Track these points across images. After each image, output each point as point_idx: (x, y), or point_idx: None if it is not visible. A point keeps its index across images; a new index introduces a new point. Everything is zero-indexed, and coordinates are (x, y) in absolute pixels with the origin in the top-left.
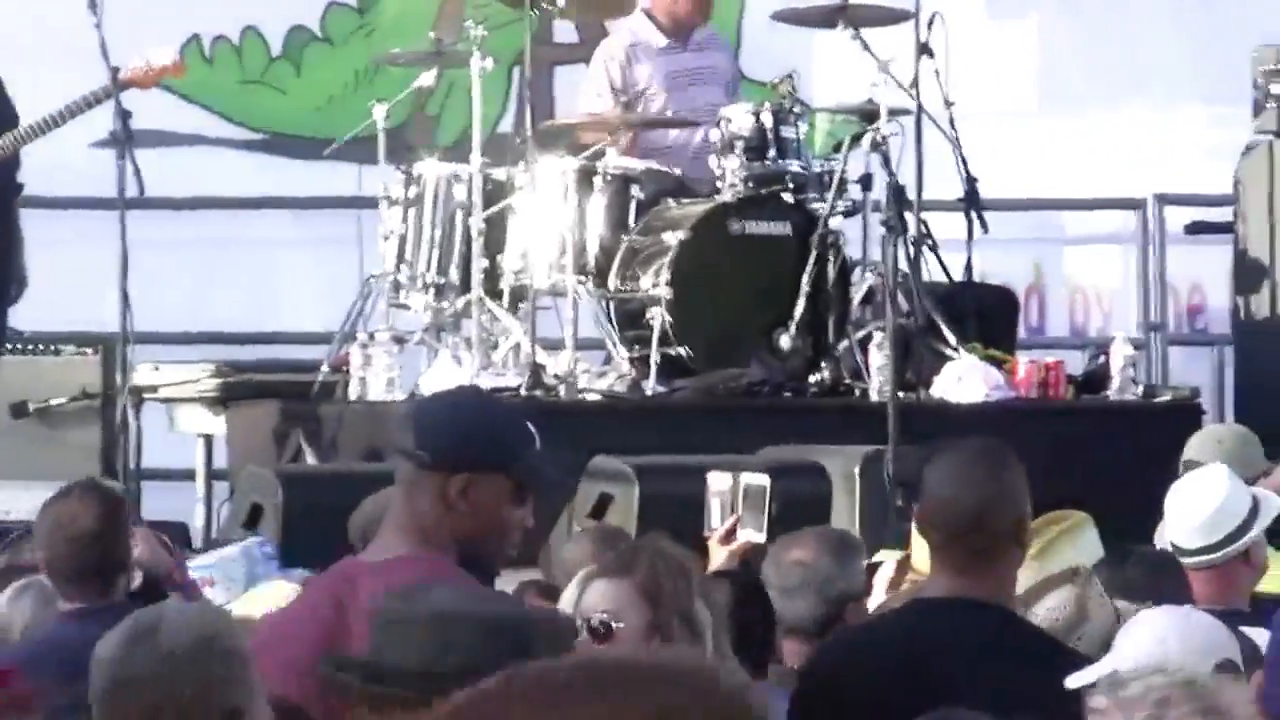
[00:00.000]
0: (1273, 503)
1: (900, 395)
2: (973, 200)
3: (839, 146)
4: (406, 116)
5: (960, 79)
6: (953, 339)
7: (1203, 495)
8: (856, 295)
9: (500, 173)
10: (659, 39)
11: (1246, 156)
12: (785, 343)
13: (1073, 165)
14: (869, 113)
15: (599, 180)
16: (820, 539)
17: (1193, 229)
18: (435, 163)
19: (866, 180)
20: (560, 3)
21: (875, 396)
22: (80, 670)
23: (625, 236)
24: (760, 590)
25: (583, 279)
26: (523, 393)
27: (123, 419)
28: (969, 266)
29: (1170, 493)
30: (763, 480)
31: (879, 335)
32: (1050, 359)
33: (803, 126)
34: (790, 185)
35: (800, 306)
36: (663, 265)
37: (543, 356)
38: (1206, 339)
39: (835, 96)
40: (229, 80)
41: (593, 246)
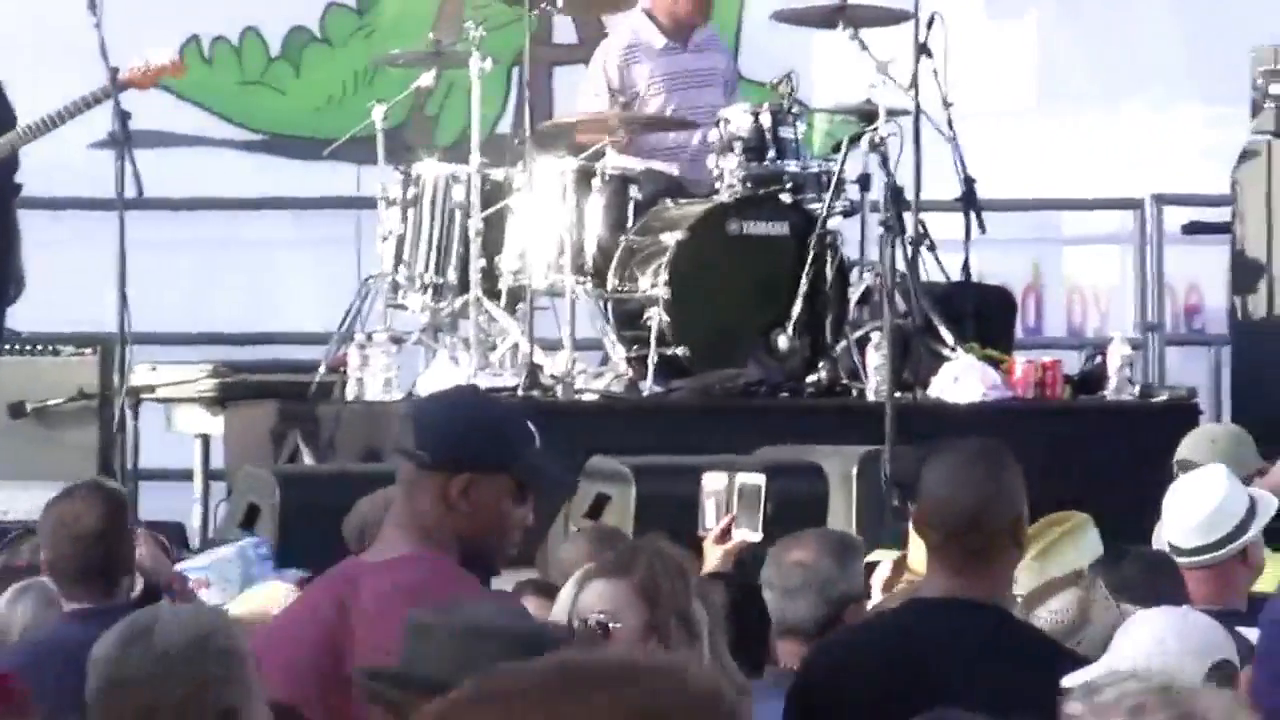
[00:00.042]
0: (1270, 503)
1: (897, 395)
2: (971, 200)
3: (837, 147)
4: (405, 117)
5: (959, 79)
6: (950, 339)
7: (1201, 495)
8: (854, 295)
9: (499, 173)
10: (659, 39)
11: (1244, 157)
12: (783, 343)
13: (1071, 165)
14: (867, 113)
15: (597, 181)
16: (821, 540)
17: (1190, 229)
18: (434, 163)
19: (865, 180)
20: (559, 1)
21: (872, 396)
22: (84, 670)
23: (623, 237)
24: (756, 591)
25: (581, 279)
26: (520, 393)
27: (120, 419)
28: (967, 266)
29: (1169, 493)
30: (758, 480)
31: (876, 335)
32: (1047, 359)
33: (801, 127)
34: (788, 185)
35: (798, 307)
36: (661, 265)
37: (540, 357)
38: (1204, 339)
39: (834, 97)
40: (228, 81)
41: (591, 247)
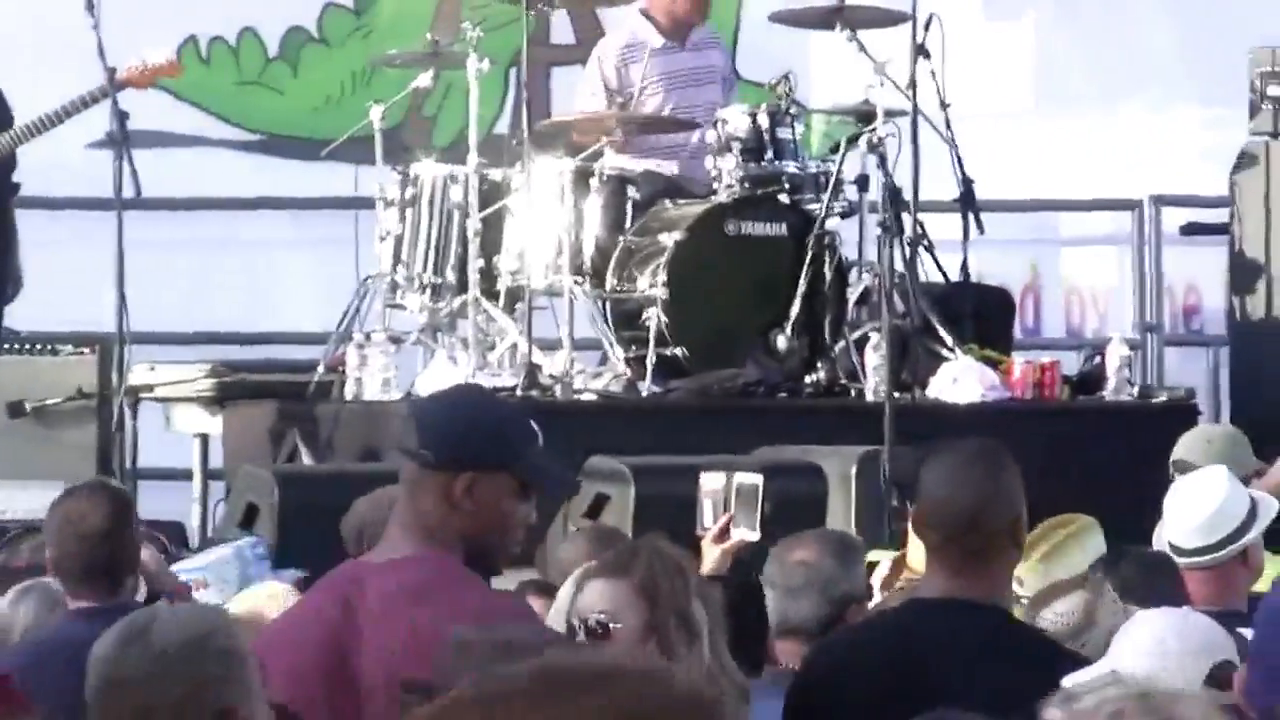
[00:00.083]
0: (1271, 505)
1: (896, 396)
2: (969, 201)
3: (836, 147)
4: (403, 117)
5: (957, 80)
6: (949, 339)
7: (1202, 496)
8: (852, 296)
9: (496, 173)
10: (656, 38)
11: (1242, 158)
12: (781, 343)
13: (1069, 166)
14: (865, 114)
15: (595, 181)
16: (824, 540)
17: (1188, 230)
18: (432, 164)
19: (863, 181)
20: None
21: (871, 397)
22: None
23: (621, 237)
24: (754, 591)
25: (579, 279)
26: (519, 393)
27: (119, 419)
28: (965, 267)
29: (1170, 493)
30: (755, 479)
31: (875, 336)
32: (1046, 359)
33: (799, 127)
34: (786, 186)
35: (796, 307)
36: (659, 266)
37: (539, 357)
38: (1202, 340)
39: (832, 97)
40: (226, 81)
41: (589, 247)
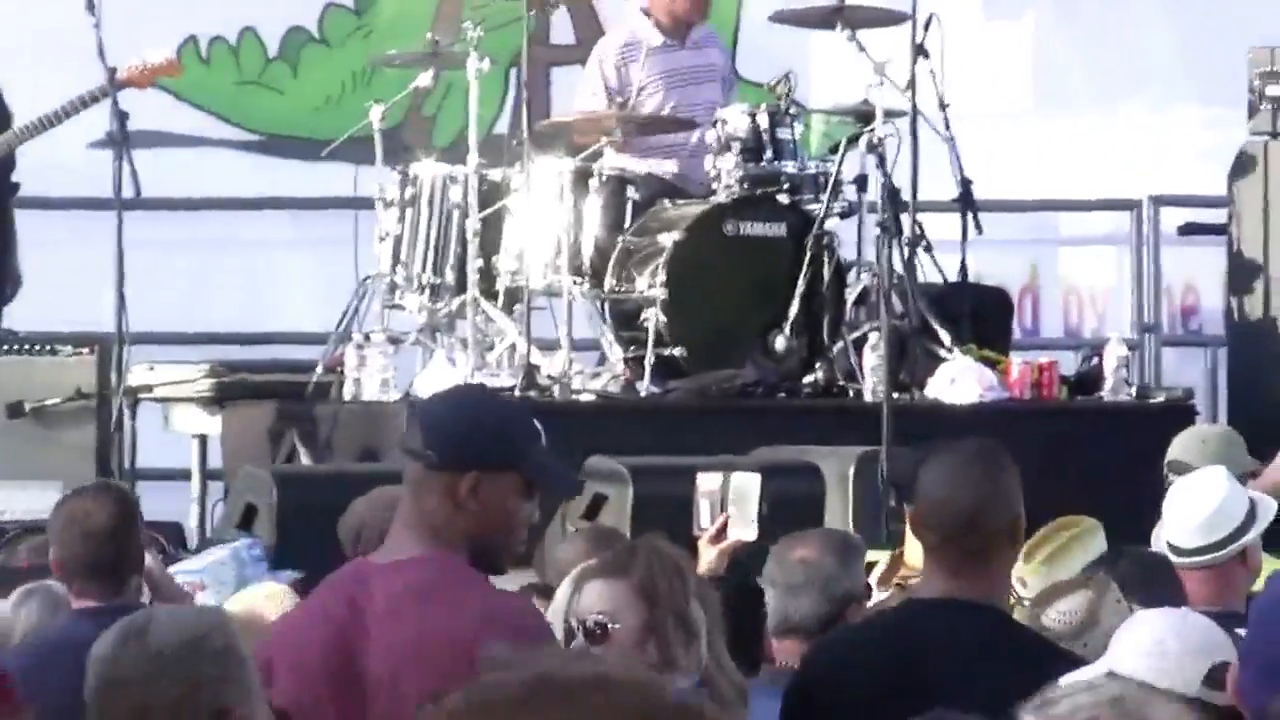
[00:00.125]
0: (1270, 507)
1: (894, 396)
2: (968, 201)
3: (835, 148)
4: (403, 117)
5: (956, 80)
6: (947, 340)
7: (1201, 496)
8: (851, 296)
9: (496, 174)
10: (656, 37)
11: (1241, 158)
12: (780, 344)
13: (1068, 166)
14: (865, 114)
15: (594, 181)
16: (824, 539)
17: (1187, 230)
18: (431, 164)
19: (862, 181)
20: None
21: (869, 397)
22: None
23: (620, 237)
24: (751, 590)
25: (578, 280)
26: (517, 393)
27: (118, 419)
28: (964, 267)
29: (1169, 493)
30: (752, 479)
31: (873, 336)
32: (1044, 360)
33: (798, 127)
34: (785, 186)
35: (795, 307)
36: (658, 266)
37: (537, 357)
38: (1200, 340)
39: (831, 97)
40: (226, 81)
41: (588, 247)
